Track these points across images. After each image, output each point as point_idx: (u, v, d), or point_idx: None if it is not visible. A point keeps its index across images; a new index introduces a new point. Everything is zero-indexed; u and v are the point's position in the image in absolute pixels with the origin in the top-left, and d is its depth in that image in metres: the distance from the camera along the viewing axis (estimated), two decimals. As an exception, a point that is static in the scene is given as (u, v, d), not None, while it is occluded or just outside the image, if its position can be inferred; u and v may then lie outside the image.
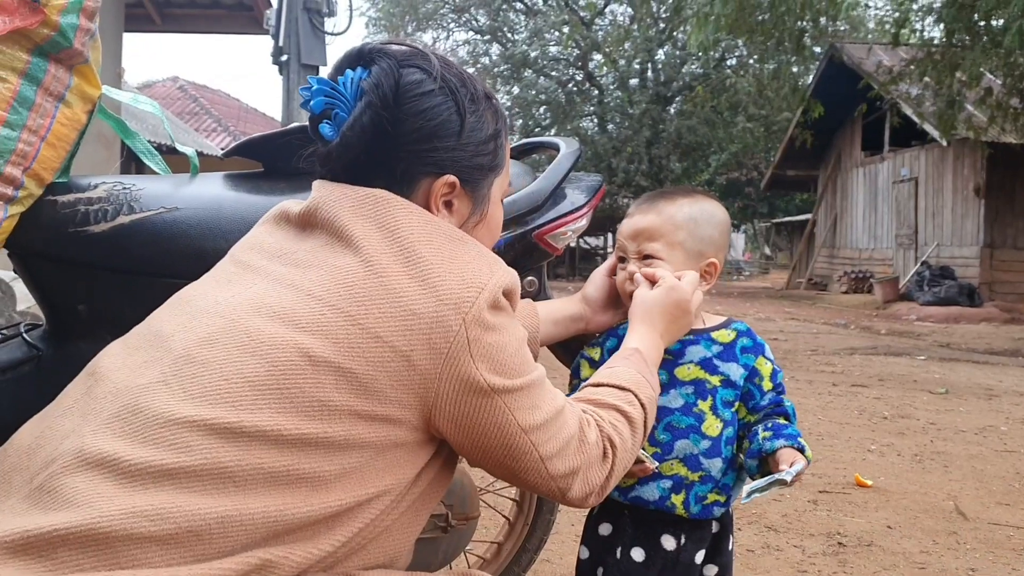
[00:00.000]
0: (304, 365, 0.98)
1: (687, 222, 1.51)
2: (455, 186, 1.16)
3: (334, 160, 1.14)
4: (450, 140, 1.14)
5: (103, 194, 1.44)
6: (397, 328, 1.02)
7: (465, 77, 1.19)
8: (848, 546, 2.98)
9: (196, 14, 9.88)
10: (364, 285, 1.03)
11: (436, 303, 1.03)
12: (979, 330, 12.35)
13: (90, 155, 6.33)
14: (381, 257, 1.05)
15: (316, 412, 0.98)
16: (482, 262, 1.11)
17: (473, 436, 1.09)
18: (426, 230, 1.10)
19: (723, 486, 1.50)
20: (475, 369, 1.05)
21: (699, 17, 11.60)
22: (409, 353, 1.02)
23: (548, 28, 26.68)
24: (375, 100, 1.10)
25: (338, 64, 1.17)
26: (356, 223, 1.09)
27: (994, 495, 3.67)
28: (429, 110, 1.13)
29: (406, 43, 1.19)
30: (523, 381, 1.11)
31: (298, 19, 6.03)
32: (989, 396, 6.32)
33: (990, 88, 11.63)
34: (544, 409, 1.13)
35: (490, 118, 1.21)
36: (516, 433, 1.10)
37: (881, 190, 19.25)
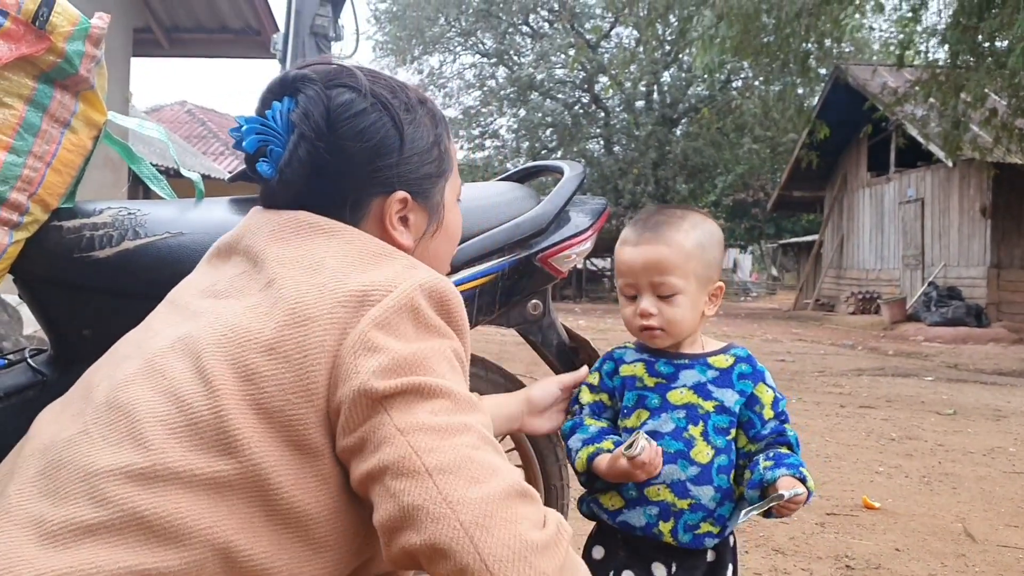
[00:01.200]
0: (208, 397, 0.93)
1: (697, 249, 1.48)
2: (407, 201, 1.13)
3: (277, 197, 1.11)
4: (392, 156, 1.11)
5: (108, 219, 1.44)
6: (291, 337, 0.95)
7: (395, 86, 1.15)
8: (856, 569, 2.96)
9: (204, 39, 9.96)
10: (267, 304, 0.98)
11: (332, 304, 0.97)
12: (987, 351, 12.29)
13: (97, 180, 6.38)
14: (288, 277, 1.00)
15: (225, 447, 0.92)
16: (403, 269, 1.03)
17: (360, 455, 0.94)
18: (343, 248, 1.04)
19: (718, 516, 1.46)
20: (356, 368, 0.94)
21: (704, 39, 11.64)
22: (302, 362, 0.94)
23: (554, 51, 26.83)
24: (307, 131, 1.07)
25: (263, 97, 1.12)
26: (272, 248, 1.05)
27: (1003, 517, 3.64)
28: (365, 130, 1.09)
29: (328, 62, 1.15)
30: (415, 380, 0.95)
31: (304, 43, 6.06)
32: (997, 417, 6.29)
33: (995, 109, 11.63)
34: (439, 417, 0.94)
35: (428, 123, 1.17)
36: (392, 437, 0.92)
37: (887, 211, 19.24)
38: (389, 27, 28.51)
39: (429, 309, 1.01)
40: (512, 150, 28.15)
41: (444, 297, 1.04)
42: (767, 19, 11.37)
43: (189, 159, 16.22)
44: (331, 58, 1.19)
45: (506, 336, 4.89)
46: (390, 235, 1.12)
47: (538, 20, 28.93)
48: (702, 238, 1.50)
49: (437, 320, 1.02)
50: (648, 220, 1.53)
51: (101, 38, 1.34)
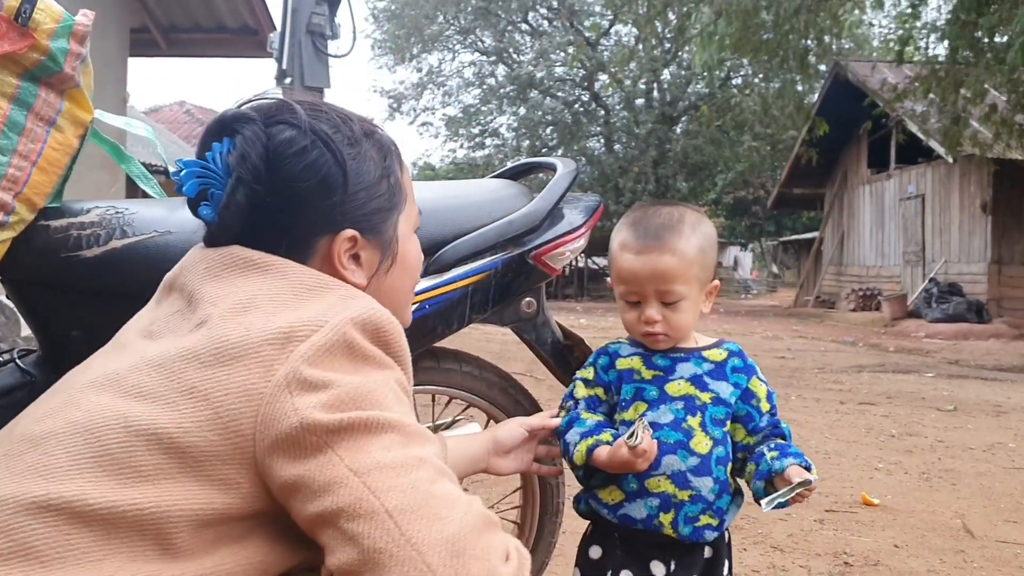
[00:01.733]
0: (118, 429, 0.90)
1: (699, 255, 1.49)
2: (356, 239, 1.09)
3: (218, 240, 1.07)
4: (336, 195, 1.07)
5: (95, 219, 1.44)
6: (214, 376, 0.91)
7: (338, 120, 1.11)
8: (855, 566, 2.95)
9: (201, 38, 9.97)
10: (194, 342, 0.95)
11: (259, 343, 0.93)
12: (987, 347, 12.28)
13: (93, 179, 6.37)
14: (217, 317, 0.97)
15: (127, 478, 0.88)
16: (337, 301, 0.99)
17: (301, 495, 0.90)
18: (275, 284, 1.00)
19: (716, 509, 1.48)
20: (293, 407, 0.90)
21: (703, 37, 11.64)
22: (222, 401, 0.90)
23: (553, 49, 26.83)
24: (244, 174, 1.03)
25: (202, 138, 1.09)
26: (205, 286, 1.02)
27: (1002, 513, 3.63)
28: (306, 169, 1.05)
29: (269, 97, 1.12)
30: (362, 416, 0.91)
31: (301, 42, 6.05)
32: (998, 413, 6.28)
33: (995, 105, 11.61)
34: (393, 453, 0.91)
35: (376, 156, 1.13)
36: (344, 478, 0.88)
37: (888, 207, 19.23)
38: (387, 25, 28.51)
39: (364, 341, 0.97)
40: (512, 148, 28.16)
41: (379, 327, 1.00)
42: (766, 16, 11.37)
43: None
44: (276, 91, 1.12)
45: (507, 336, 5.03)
46: (340, 274, 1.08)
47: (537, 18, 28.93)
48: (702, 242, 1.50)
49: (374, 351, 0.98)
50: (647, 223, 1.51)
51: (86, 35, 1.33)
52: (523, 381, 2.12)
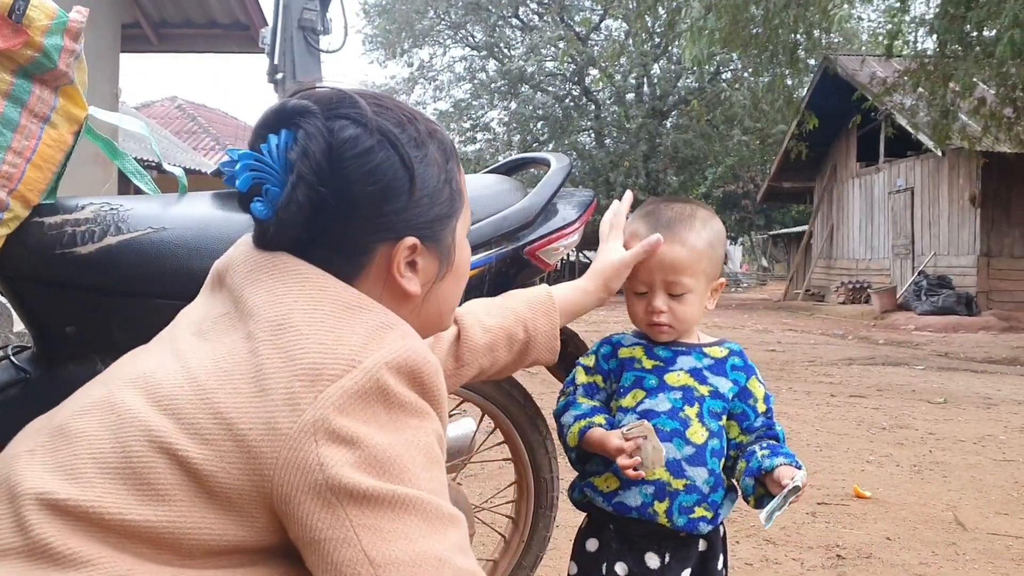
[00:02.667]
0: (143, 441, 0.88)
1: (708, 249, 1.52)
2: (416, 247, 1.03)
3: (272, 239, 1.01)
4: (401, 200, 1.01)
5: (90, 215, 1.43)
6: (242, 405, 0.88)
7: (403, 118, 1.04)
8: (847, 558, 2.97)
9: (193, 34, 9.92)
10: (232, 360, 0.92)
11: (290, 378, 0.88)
12: (977, 339, 12.34)
13: (87, 176, 6.34)
14: (259, 331, 0.93)
15: (145, 495, 0.87)
16: (371, 336, 0.94)
17: (315, 556, 0.87)
18: (313, 298, 0.95)
19: (711, 502, 1.49)
20: (318, 459, 0.86)
21: (693, 31, 11.63)
22: (246, 434, 0.87)
23: (544, 44, 26.81)
24: (307, 173, 0.96)
25: (257, 129, 1.02)
26: (248, 291, 0.98)
27: (993, 505, 3.66)
28: (371, 172, 0.98)
29: (329, 86, 1.05)
30: (387, 490, 0.87)
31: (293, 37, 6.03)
32: (988, 405, 6.31)
33: (983, 98, 11.65)
34: (415, 545, 0.86)
35: (439, 159, 1.06)
36: (360, 563, 0.85)
37: (877, 201, 19.29)
38: (378, 20, 28.44)
39: (400, 387, 0.92)
40: (503, 143, 28.14)
41: (416, 369, 0.94)
42: (755, 10, 11.38)
43: (180, 154, 16.16)
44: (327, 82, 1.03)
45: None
46: (397, 283, 1.04)
47: (528, 13, 28.90)
48: (712, 237, 1.53)
49: (411, 397, 0.93)
50: (659, 216, 1.54)
51: (80, 32, 1.32)
52: (517, 376, 2.12)
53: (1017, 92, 10.90)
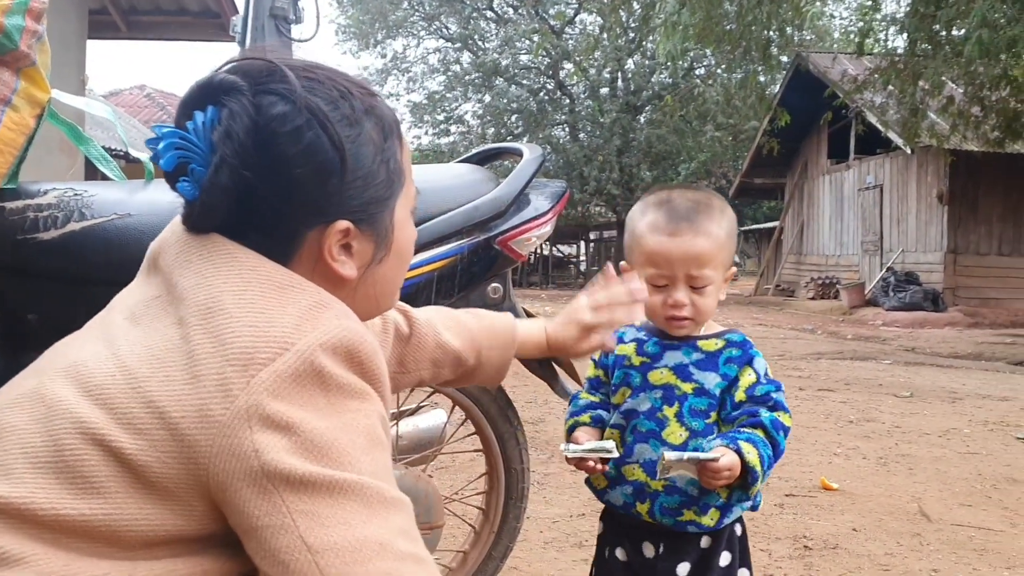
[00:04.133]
0: (74, 435, 0.85)
1: (728, 240, 1.48)
2: (349, 231, 0.99)
3: (198, 221, 0.97)
4: (332, 183, 0.96)
5: (53, 200, 1.41)
6: (175, 393, 0.85)
7: (337, 94, 0.98)
8: (814, 549, 2.99)
9: (162, 21, 9.81)
10: (163, 347, 0.89)
11: (221, 363, 0.86)
12: (943, 334, 12.50)
13: (51, 163, 6.25)
14: (189, 315, 0.90)
15: (79, 489, 0.84)
16: (304, 316, 0.91)
17: (254, 543, 0.85)
18: (243, 279, 0.92)
19: (703, 505, 1.44)
20: (253, 445, 0.83)
21: (667, 26, 11.65)
22: (179, 422, 0.84)
23: (519, 37, 26.75)
24: (230, 156, 0.92)
25: (182, 105, 0.97)
26: (178, 274, 0.95)
27: (957, 496, 3.71)
28: (299, 154, 0.94)
29: (260, 57, 0.98)
30: (324, 475, 0.85)
31: (264, 26, 5.96)
32: (953, 399, 6.40)
33: (952, 97, 11.79)
34: (354, 531, 0.84)
35: (376, 137, 1.01)
36: (297, 549, 0.83)
37: (847, 197, 19.46)
38: (352, 10, 28.24)
39: (337, 368, 0.89)
40: (478, 136, 28.05)
41: (354, 349, 0.91)
42: (729, 6, 11.43)
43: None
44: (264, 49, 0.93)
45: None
46: (330, 267, 1.00)
47: (502, 5, 28.81)
48: (731, 227, 1.49)
49: (349, 378, 0.90)
50: (676, 205, 1.47)
51: (42, 12, 1.30)
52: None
53: (985, 91, 11.06)
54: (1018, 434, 5.08)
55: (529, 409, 5.15)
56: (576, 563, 2.78)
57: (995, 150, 13.52)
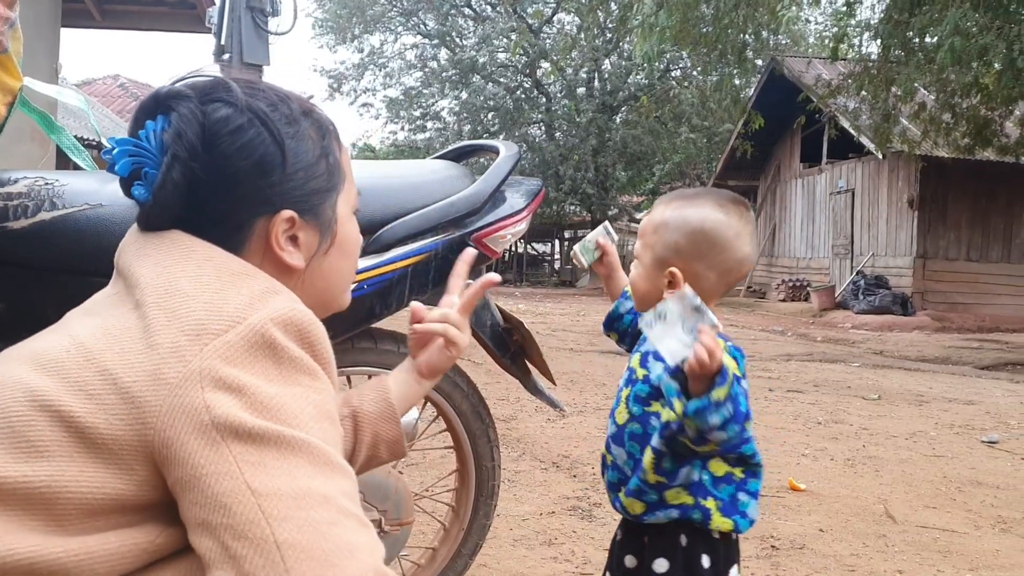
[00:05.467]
0: (23, 401, 0.88)
1: (660, 226, 1.51)
2: (294, 220, 1.06)
3: (153, 220, 1.04)
4: (274, 175, 1.04)
5: (23, 189, 1.39)
6: (129, 362, 0.89)
7: (276, 99, 1.08)
8: (781, 549, 3.02)
9: (137, 11, 9.68)
10: (120, 326, 0.94)
11: (176, 333, 0.90)
12: (911, 338, 12.65)
13: (23, 152, 6.16)
14: (146, 297, 0.95)
15: (23, 452, 0.87)
16: (256, 298, 0.96)
17: (194, 492, 0.86)
18: (200, 266, 0.98)
19: (638, 491, 1.46)
20: (204, 402, 0.87)
21: (644, 28, 11.69)
22: (131, 386, 0.88)
23: (496, 34, 26.73)
24: (181, 152, 1.00)
25: (135, 116, 1.06)
26: (137, 267, 1.00)
27: (922, 498, 3.76)
28: (243, 148, 1.02)
29: (205, 75, 1.08)
30: (273, 429, 0.87)
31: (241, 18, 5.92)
32: (920, 402, 6.48)
33: (924, 103, 11.93)
34: (299, 481, 0.86)
35: (314, 135, 1.10)
36: (241, 493, 0.84)
37: (819, 201, 19.64)
38: (329, 4, 28.09)
39: (288, 342, 0.94)
40: (454, 133, 28.01)
41: (304, 328, 0.97)
42: (706, 9, 11.48)
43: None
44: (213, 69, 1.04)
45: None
46: (278, 256, 1.06)
47: (480, 3, 28.77)
48: (670, 217, 1.50)
49: (299, 353, 0.95)
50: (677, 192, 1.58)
51: (15, 0, 1.28)
52: (462, 364, 2.12)
53: (956, 98, 11.19)
54: (983, 437, 5.16)
55: (501, 407, 5.15)
56: (545, 561, 2.78)
57: (965, 157, 13.70)
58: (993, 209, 16.31)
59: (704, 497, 1.46)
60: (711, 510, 1.46)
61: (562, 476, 3.77)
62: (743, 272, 1.53)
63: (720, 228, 1.47)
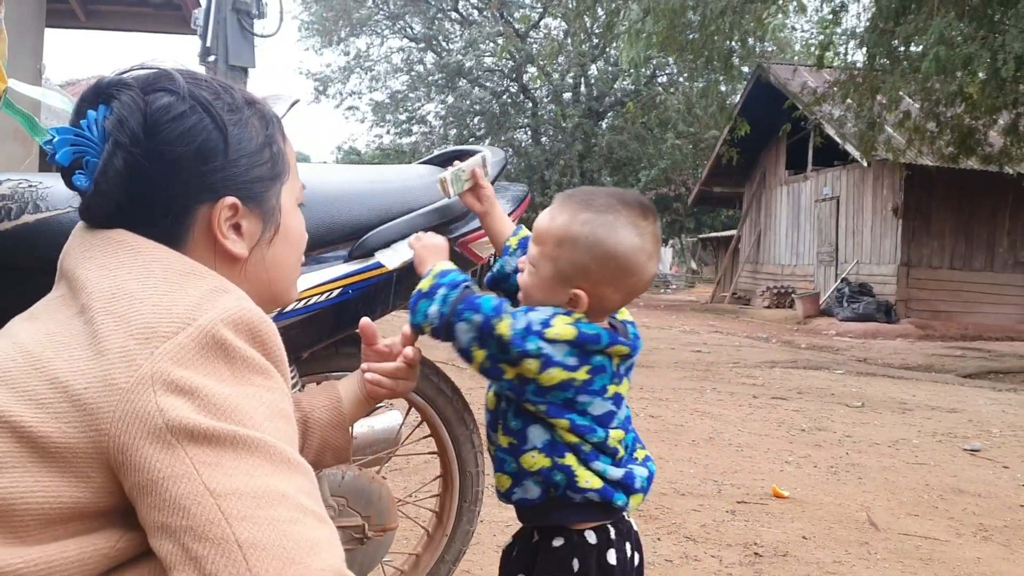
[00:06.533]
0: None
1: (566, 241, 1.40)
2: (237, 207, 1.06)
3: (95, 210, 1.03)
4: (217, 160, 1.04)
5: (7, 191, 1.38)
6: (78, 369, 0.88)
7: (219, 88, 1.08)
8: (764, 556, 3.03)
9: (122, 11, 9.63)
10: (66, 332, 0.92)
11: (124, 338, 0.89)
12: (895, 346, 12.72)
13: (5, 152, 6.12)
14: (92, 302, 0.93)
15: None
16: (205, 298, 0.95)
17: (152, 496, 0.85)
18: (147, 268, 0.97)
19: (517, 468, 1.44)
20: (157, 406, 0.85)
21: (631, 34, 11.73)
22: (82, 393, 0.86)
23: (483, 39, 26.73)
24: (123, 139, 1.00)
25: (77, 106, 1.05)
26: (82, 269, 0.98)
27: (905, 506, 3.77)
28: (185, 134, 1.02)
29: (148, 66, 1.08)
30: (227, 430, 0.86)
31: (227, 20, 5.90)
32: (903, 410, 6.51)
33: (908, 111, 12.01)
34: (256, 480, 0.85)
35: (258, 124, 1.10)
36: (200, 495, 0.83)
37: (804, 208, 19.74)
38: (315, 7, 28.02)
39: (239, 342, 0.93)
40: (440, 136, 27.98)
41: (254, 326, 0.96)
42: (692, 16, 11.53)
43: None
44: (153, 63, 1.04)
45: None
46: (221, 244, 1.06)
47: (467, 7, 28.78)
48: (581, 237, 1.39)
49: (251, 352, 0.94)
50: (572, 192, 1.48)
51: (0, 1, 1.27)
52: (445, 369, 2.11)
53: (940, 107, 11.27)
54: (965, 446, 5.19)
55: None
56: (529, 567, 2.78)
57: (949, 165, 13.81)
58: (977, 218, 16.44)
59: (561, 455, 1.40)
60: (572, 466, 1.40)
61: (546, 482, 3.76)
62: (646, 288, 1.49)
63: (635, 255, 1.40)
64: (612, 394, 1.42)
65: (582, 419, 1.39)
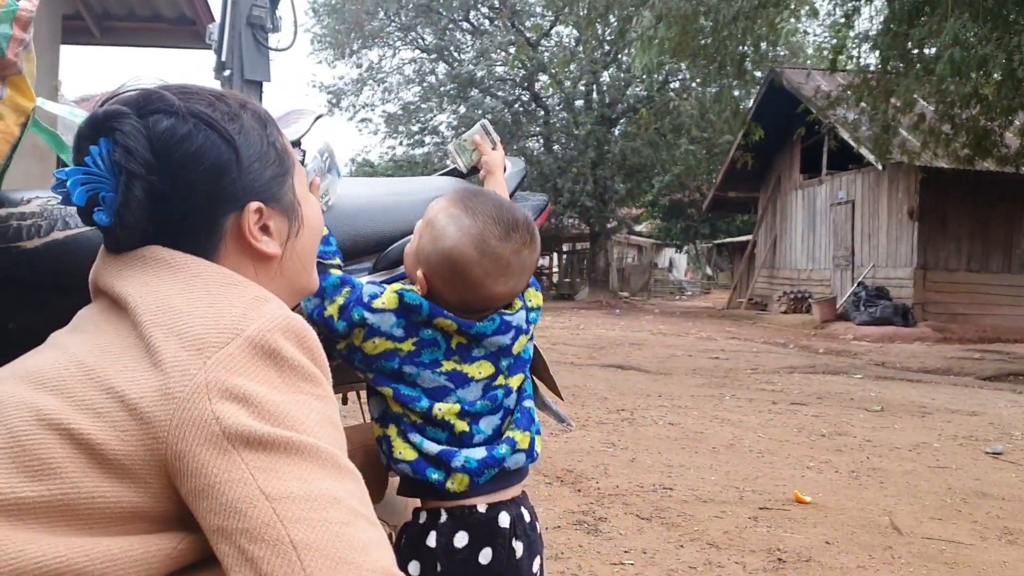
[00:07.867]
0: (30, 422, 0.88)
1: (429, 223, 1.47)
2: (262, 210, 1.08)
3: (123, 243, 1.03)
4: (232, 172, 1.05)
5: (36, 209, 1.40)
6: (133, 379, 0.90)
7: (212, 98, 1.08)
8: (787, 562, 3.02)
9: (136, 27, 9.71)
10: (118, 344, 0.94)
11: (176, 349, 0.91)
12: (913, 349, 12.65)
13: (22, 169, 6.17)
14: (140, 317, 0.95)
15: (37, 472, 0.87)
16: (249, 307, 0.97)
17: (208, 500, 0.87)
18: (188, 283, 0.99)
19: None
20: (213, 413, 0.88)
21: (643, 40, 11.75)
22: (138, 403, 0.88)
23: (494, 48, 26.80)
24: (136, 168, 0.99)
25: (76, 144, 1.05)
26: (124, 286, 0.99)
27: (927, 510, 3.75)
28: (196, 154, 1.02)
29: (130, 88, 1.07)
30: (281, 435, 0.89)
31: (241, 34, 5.93)
32: (923, 414, 6.47)
33: (923, 114, 11.97)
34: (310, 485, 0.88)
35: (256, 126, 1.11)
36: (255, 498, 0.85)
37: (819, 212, 19.67)
38: (328, 20, 28.16)
39: (290, 347, 0.95)
40: (452, 147, 28.02)
41: (302, 334, 0.98)
42: (705, 21, 11.53)
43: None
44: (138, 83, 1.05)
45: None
46: (255, 248, 1.08)
47: (478, 17, 28.87)
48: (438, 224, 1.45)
49: (301, 359, 0.96)
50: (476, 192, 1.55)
51: (30, 22, 1.29)
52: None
53: (955, 109, 11.22)
54: (987, 449, 5.15)
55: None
56: (552, 575, 2.78)
57: (965, 167, 13.75)
58: (993, 219, 16.34)
59: (386, 425, 1.45)
60: (391, 437, 1.44)
61: (566, 491, 3.77)
62: (492, 305, 1.48)
63: (469, 267, 1.42)
64: (448, 370, 1.44)
65: (408, 389, 1.43)
